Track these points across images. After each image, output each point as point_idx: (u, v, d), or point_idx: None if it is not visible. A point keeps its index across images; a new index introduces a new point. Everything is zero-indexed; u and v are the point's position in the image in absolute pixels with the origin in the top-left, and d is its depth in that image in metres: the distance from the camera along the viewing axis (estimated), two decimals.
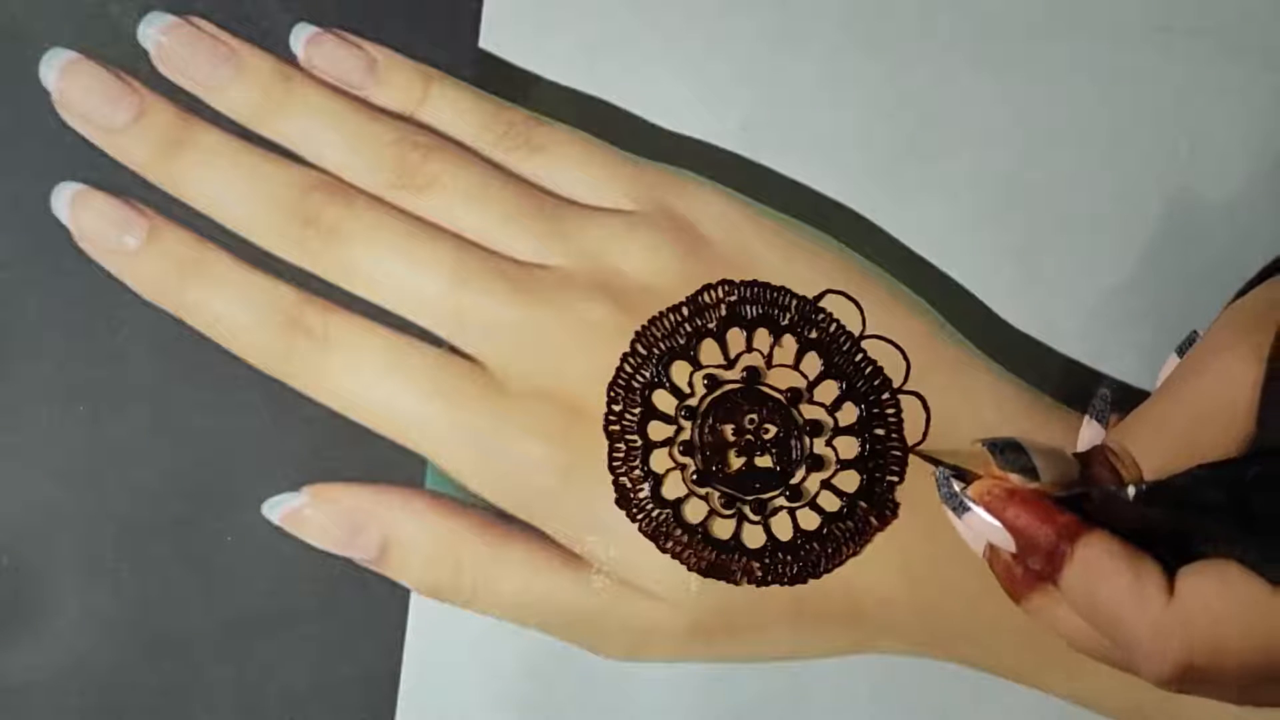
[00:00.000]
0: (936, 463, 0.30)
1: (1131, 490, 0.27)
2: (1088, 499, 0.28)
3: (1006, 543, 0.28)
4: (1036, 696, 0.34)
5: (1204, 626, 0.26)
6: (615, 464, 0.34)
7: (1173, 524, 0.27)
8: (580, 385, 0.34)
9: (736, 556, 0.34)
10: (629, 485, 0.34)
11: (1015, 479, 0.28)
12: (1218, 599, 0.26)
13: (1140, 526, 0.27)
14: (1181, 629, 0.26)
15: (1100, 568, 0.27)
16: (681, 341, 0.34)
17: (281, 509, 0.34)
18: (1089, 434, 0.32)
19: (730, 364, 0.34)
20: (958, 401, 0.34)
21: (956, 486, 0.30)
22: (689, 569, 0.33)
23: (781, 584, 0.34)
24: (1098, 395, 0.32)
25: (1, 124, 0.36)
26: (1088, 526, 0.28)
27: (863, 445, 0.34)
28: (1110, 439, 0.29)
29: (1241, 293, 0.31)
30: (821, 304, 0.35)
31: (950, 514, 0.30)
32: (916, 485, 0.34)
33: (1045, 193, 0.38)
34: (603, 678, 0.35)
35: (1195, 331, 0.31)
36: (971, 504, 0.29)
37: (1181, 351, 0.31)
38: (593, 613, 0.34)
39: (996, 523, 0.28)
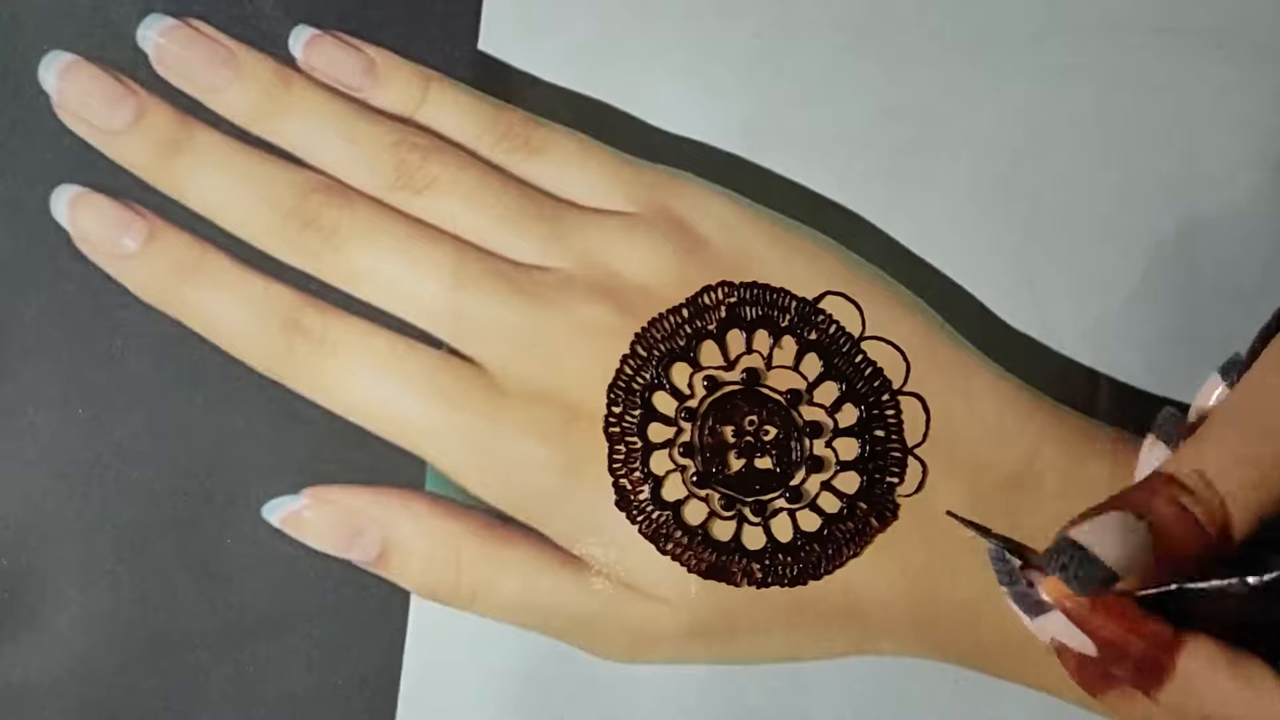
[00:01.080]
0: (987, 534, 0.27)
1: (1246, 585, 0.25)
2: (1185, 594, 0.25)
3: (1087, 648, 0.26)
4: (1036, 697, 0.34)
5: None
6: (615, 466, 0.34)
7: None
8: (580, 387, 0.34)
9: (736, 558, 0.34)
10: (629, 487, 0.34)
11: (1090, 591, 0.25)
12: None
13: (1241, 621, 0.26)
14: None
15: (1206, 679, 0.25)
16: (681, 343, 0.34)
17: (281, 511, 0.35)
18: (1147, 456, 0.29)
19: (730, 365, 0.34)
20: (958, 402, 0.34)
21: (1020, 576, 0.27)
22: (689, 570, 0.33)
23: (781, 585, 0.34)
24: (1163, 415, 0.29)
25: (1, 125, 0.36)
26: (1183, 635, 0.25)
27: (862, 447, 0.34)
28: (1176, 465, 0.27)
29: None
30: (821, 305, 0.35)
31: (1015, 607, 0.27)
32: (913, 488, 0.34)
33: (1045, 193, 0.38)
34: (603, 680, 0.35)
35: (1238, 353, 0.30)
36: (1048, 606, 0.27)
37: (1225, 373, 0.29)
38: (593, 614, 0.34)
39: (1079, 631, 0.26)
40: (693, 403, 0.34)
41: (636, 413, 0.34)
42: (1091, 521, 0.26)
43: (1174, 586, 0.25)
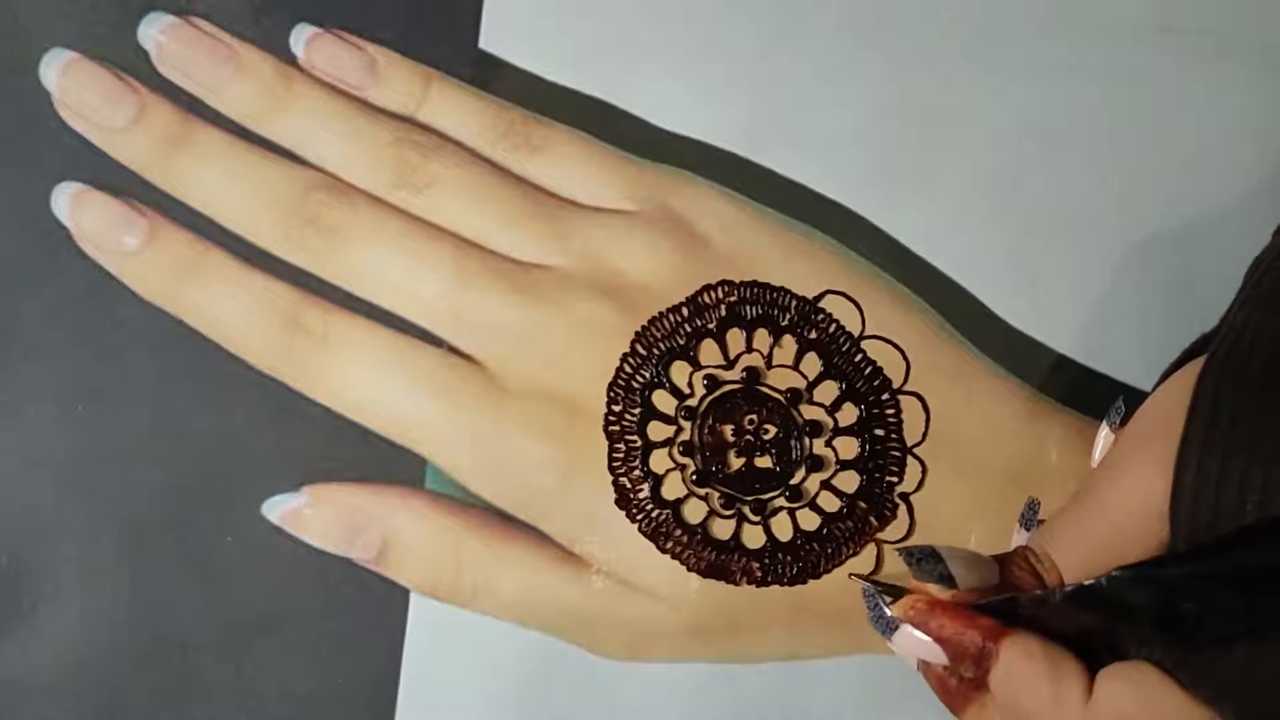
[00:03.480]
0: (865, 580, 0.30)
1: (1058, 594, 0.27)
2: (1017, 603, 0.28)
3: (937, 656, 0.28)
4: None
5: None
6: (615, 464, 0.34)
7: (1099, 626, 0.27)
8: (580, 385, 0.34)
9: (736, 557, 0.34)
10: (629, 485, 0.34)
11: (934, 588, 0.28)
12: (1132, 703, 0.26)
13: (1068, 630, 0.28)
14: None
15: (1022, 669, 0.27)
16: (681, 342, 0.34)
17: (281, 509, 0.34)
18: (1016, 541, 0.32)
19: (730, 364, 0.34)
20: (958, 402, 0.34)
21: (877, 599, 0.30)
22: (689, 569, 0.33)
23: (781, 584, 0.34)
24: (1026, 505, 0.32)
25: (2, 124, 0.36)
26: (1010, 629, 0.28)
27: (862, 446, 0.34)
28: (1032, 541, 0.29)
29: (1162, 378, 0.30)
30: (821, 304, 0.35)
31: (882, 635, 0.30)
32: (913, 487, 0.34)
33: (1046, 192, 0.38)
34: (602, 678, 0.35)
35: (1121, 399, 0.31)
36: (898, 622, 0.29)
37: (1111, 422, 0.31)
38: (592, 613, 0.34)
39: (924, 637, 0.28)
40: (692, 401, 0.34)
41: (636, 411, 0.34)
42: (956, 546, 0.29)
43: (1005, 596, 0.28)
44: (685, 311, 0.34)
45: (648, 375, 0.34)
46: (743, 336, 0.34)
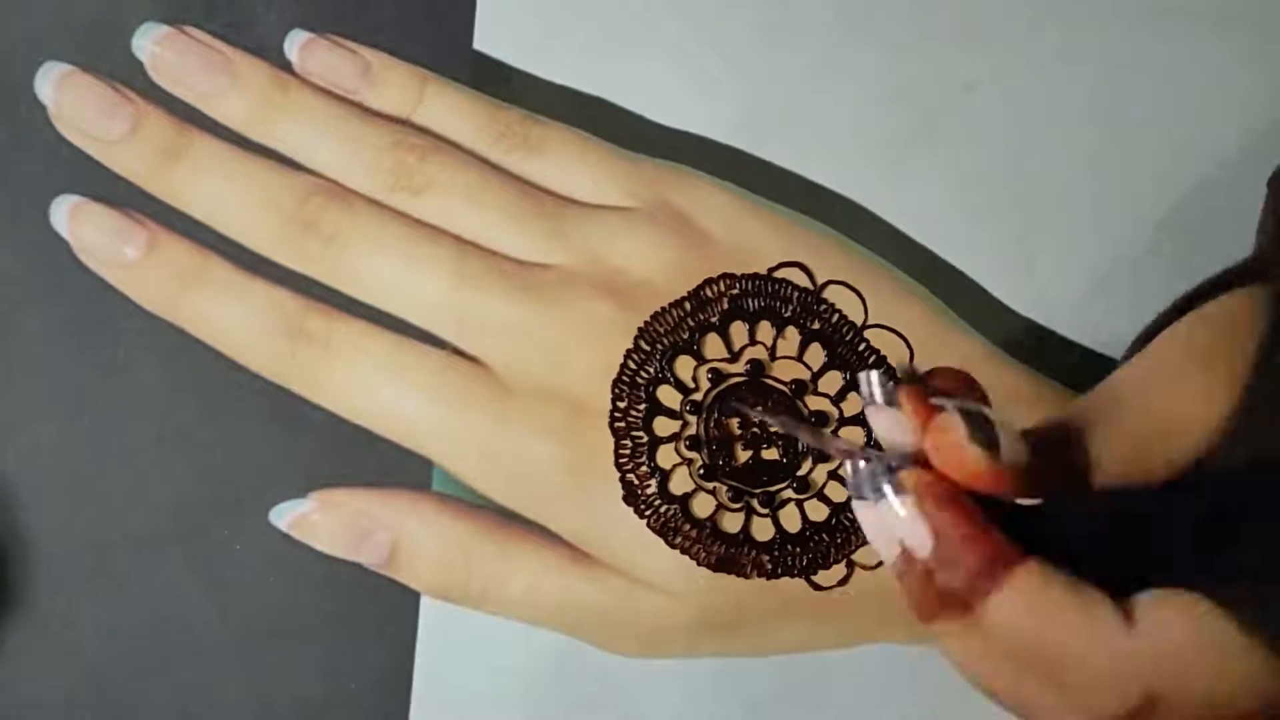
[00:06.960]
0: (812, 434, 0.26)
1: (1096, 508, 0.24)
2: (1035, 510, 0.24)
3: (924, 546, 0.23)
4: None
5: (1171, 661, 0.23)
6: (622, 460, 0.33)
7: (1131, 548, 0.24)
8: (584, 383, 0.34)
9: (746, 550, 0.33)
10: (636, 481, 0.33)
11: (974, 452, 0.23)
12: (1183, 633, 0.23)
13: (1092, 549, 0.24)
14: (1149, 660, 0.23)
15: (1039, 601, 0.23)
16: (684, 336, 0.34)
17: (289, 515, 0.34)
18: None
19: (734, 357, 0.34)
20: None
21: (879, 467, 0.24)
22: (698, 564, 0.33)
23: (791, 576, 0.33)
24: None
25: None
26: (1021, 555, 0.23)
27: (868, 434, 0.34)
28: (1069, 417, 0.26)
29: (1186, 301, 0.29)
30: (823, 295, 0.34)
31: (859, 499, 0.24)
32: None
33: (1044, 177, 0.38)
34: (616, 679, 0.35)
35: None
36: (894, 492, 0.24)
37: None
38: (603, 610, 0.34)
39: (923, 522, 0.23)
40: (698, 395, 0.34)
41: (642, 407, 0.34)
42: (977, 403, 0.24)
43: (1037, 501, 0.24)
44: (688, 306, 0.34)
45: (652, 371, 0.34)
46: (746, 329, 0.34)
